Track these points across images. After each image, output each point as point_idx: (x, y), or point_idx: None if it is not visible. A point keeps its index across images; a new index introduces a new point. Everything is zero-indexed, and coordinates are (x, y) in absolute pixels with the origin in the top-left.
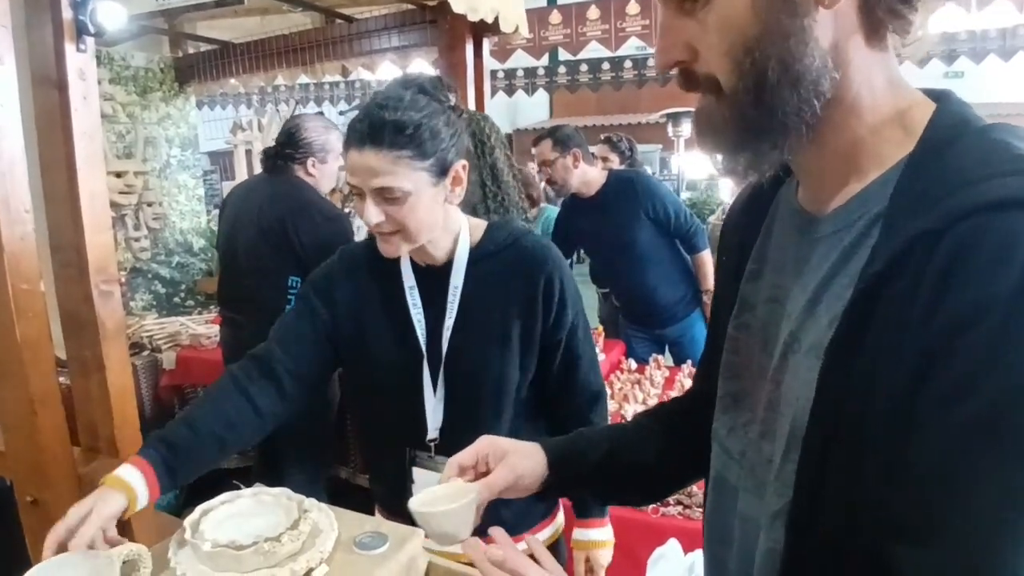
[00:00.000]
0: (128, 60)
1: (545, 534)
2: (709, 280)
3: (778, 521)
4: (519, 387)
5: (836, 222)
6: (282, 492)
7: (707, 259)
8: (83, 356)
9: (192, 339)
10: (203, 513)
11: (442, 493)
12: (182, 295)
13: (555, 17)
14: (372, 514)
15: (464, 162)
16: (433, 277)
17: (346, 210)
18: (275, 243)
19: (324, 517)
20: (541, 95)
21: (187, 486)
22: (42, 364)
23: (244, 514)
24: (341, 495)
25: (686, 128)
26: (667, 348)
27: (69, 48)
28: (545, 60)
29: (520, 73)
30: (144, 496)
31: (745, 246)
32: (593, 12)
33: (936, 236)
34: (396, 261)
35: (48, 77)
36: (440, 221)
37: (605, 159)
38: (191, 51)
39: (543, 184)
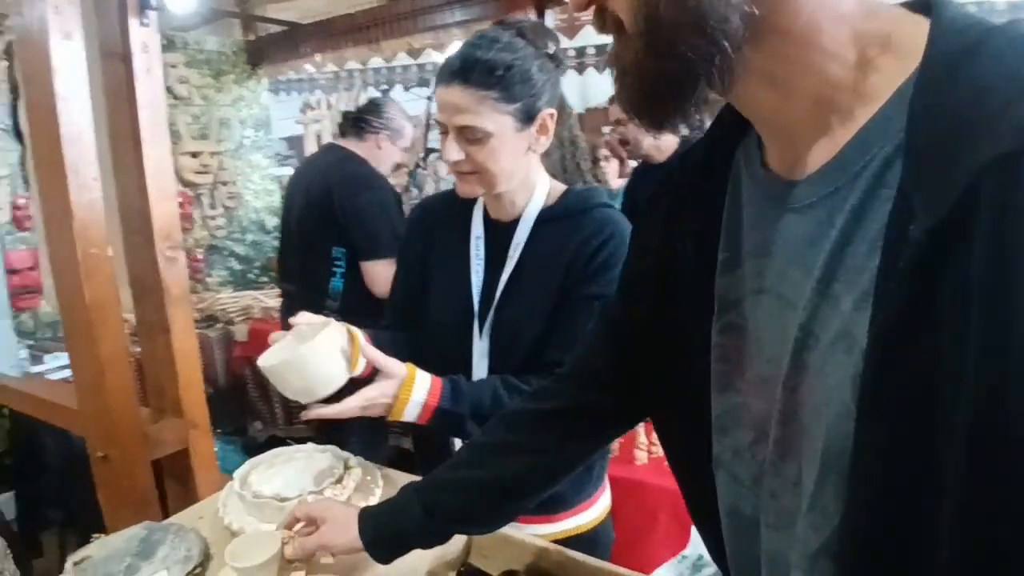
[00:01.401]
0: (202, 44)
1: (597, 510)
2: None
3: (823, 560)
4: None
5: (828, 181)
6: (331, 448)
7: None
8: (150, 320)
9: (264, 312)
10: (253, 467)
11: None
12: (256, 271)
13: None
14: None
15: (553, 111)
16: (500, 231)
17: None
18: (320, 214)
19: (369, 475)
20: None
21: (256, 450)
22: (110, 327)
23: (292, 469)
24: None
25: None
26: None
27: (133, 23)
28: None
29: (591, 51)
30: (425, 382)
31: (705, 231)
32: None
33: (1013, 159)
34: (469, 212)
35: (114, 51)
36: (521, 170)
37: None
38: (262, 34)
39: (604, 157)
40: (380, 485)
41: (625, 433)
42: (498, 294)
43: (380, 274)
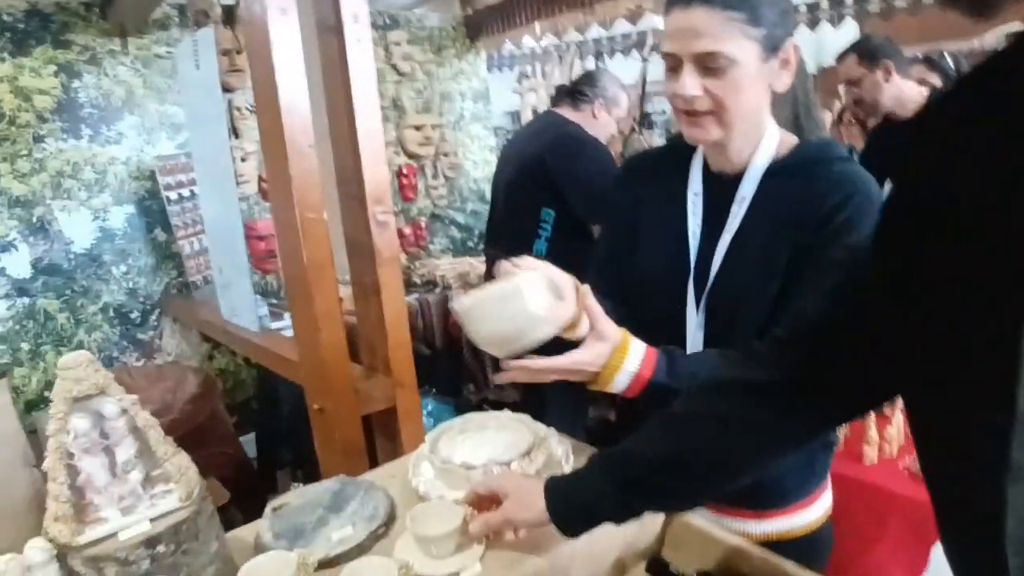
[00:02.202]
0: (423, 21)
1: (815, 512)
2: None
3: None
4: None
5: None
6: (525, 419)
7: None
8: (363, 281)
9: (479, 279)
10: (443, 431)
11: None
12: (475, 240)
13: None
14: None
15: (796, 42)
16: (721, 185)
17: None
18: (532, 175)
19: (561, 449)
20: (849, 26)
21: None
22: (325, 285)
23: (482, 436)
24: (598, 435)
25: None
26: None
27: None
28: None
29: (824, 4)
30: (639, 351)
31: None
32: None
33: None
34: (685, 166)
35: (328, 24)
36: (760, 110)
37: (922, 82)
38: (479, 7)
39: (848, 121)
40: (571, 461)
41: (853, 420)
42: (719, 256)
43: None
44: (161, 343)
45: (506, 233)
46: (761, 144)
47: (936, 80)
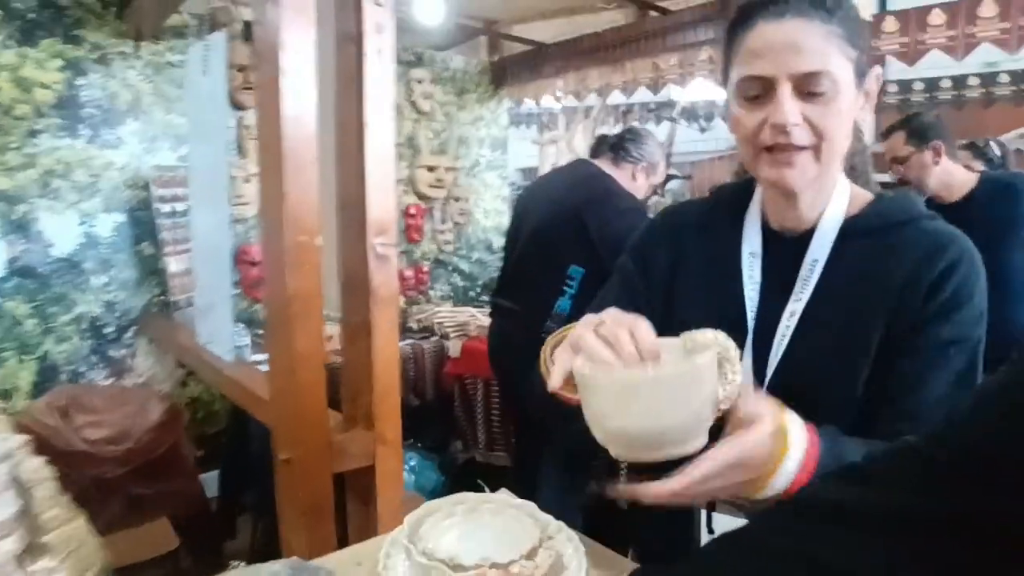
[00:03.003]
0: (447, 62)
1: None
2: None
3: None
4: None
5: None
6: (528, 507)
7: None
8: (354, 320)
9: (479, 330)
10: (428, 512)
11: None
12: (478, 290)
13: (890, 24)
14: (626, 554)
15: (880, 71)
16: (784, 246)
17: None
18: (565, 230)
19: (572, 550)
20: (867, 118)
21: (451, 473)
22: (310, 321)
23: (476, 524)
24: (598, 516)
25: None
26: None
27: (367, 2)
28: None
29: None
30: (800, 435)
31: None
32: (936, 17)
33: None
34: (738, 221)
35: (348, 33)
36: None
37: (967, 168)
38: (506, 54)
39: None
40: (584, 568)
41: None
42: (787, 329)
43: None
44: (134, 363)
45: (525, 286)
46: (833, 197)
47: (980, 167)
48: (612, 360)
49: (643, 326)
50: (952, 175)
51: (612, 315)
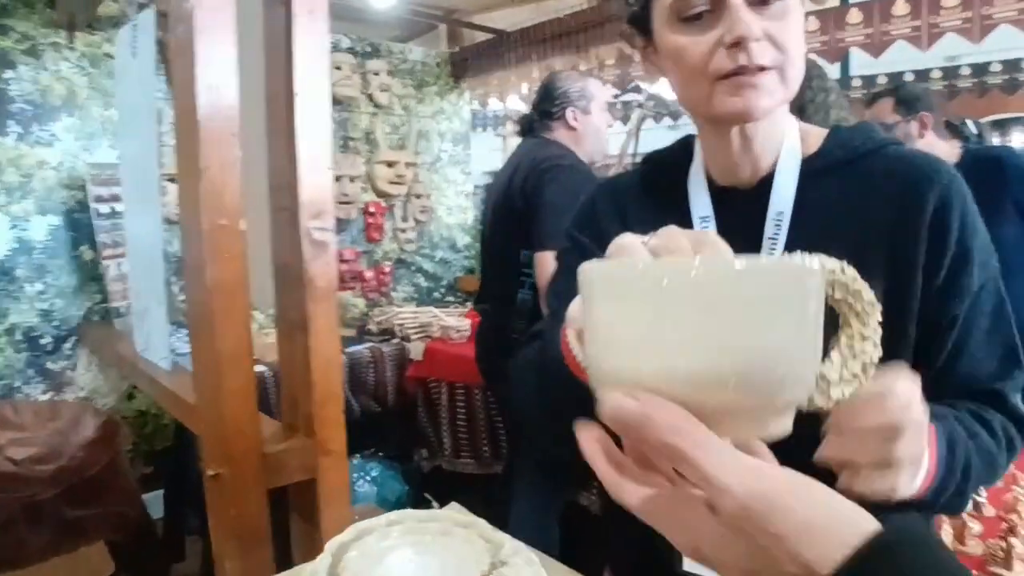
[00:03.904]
0: (406, 54)
1: None
2: None
3: None
4: None
5: None
6: (479, 525)
7: None
8: (289, 316)
9: (442, 331)
10: (358, 535)
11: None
12: (442, 290)
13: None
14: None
15: None
16: (739, 202)
17: None
18: (506, 213)
19: (531, 573)
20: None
21: (419, 480)
22: (235, 316)
23: (417, 547)
24: (578, 527)
25: (1017, 138)
26: None
27: None
28: (836, 72)
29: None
30: None
31: None
32: (900, 7)
33: None
34: (680, 185)
35: None
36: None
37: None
38: (467, 44)
39: None
40: None
41: None
42: None
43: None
44: (74, 376)
45: (493, 284)
46: (786, 137)
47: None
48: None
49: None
50: (936, 149)
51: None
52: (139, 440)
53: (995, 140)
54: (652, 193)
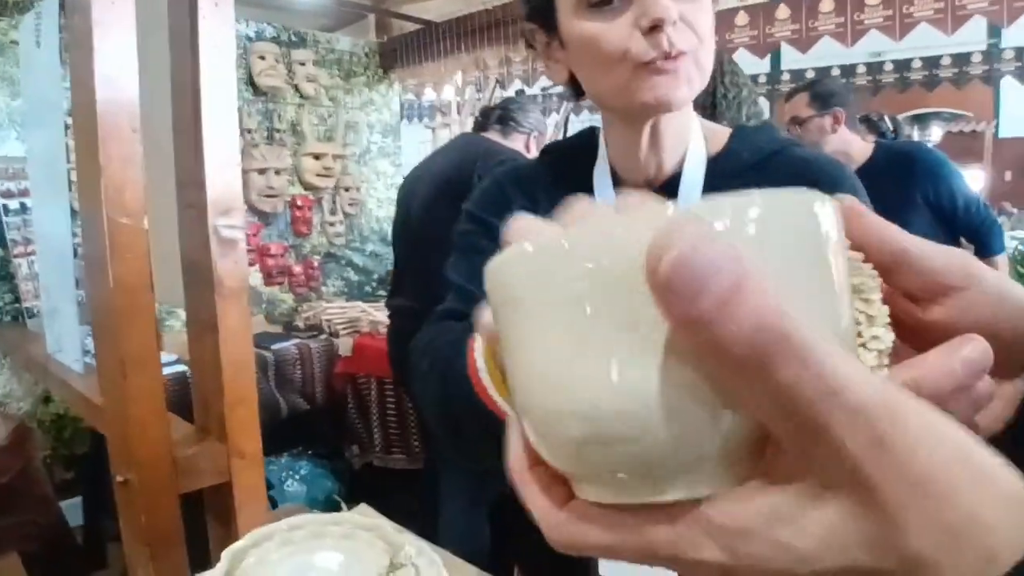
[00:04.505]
0: (333, 44)
1: None
2: None
3: None
4: None
5: None
6: (383, 527)
7: (1003, 267)
8: (199, 316)
9: (371, 326)
10: (255, 543)
11: None
12: (373, 284)
13: (782, 12)
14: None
15: None
16: None
17: None
18: (452, 195)
19: (432, 573)
20: (762, 104)
21: (350, 478)
22: (140, 316)
23: (317, 553)
24: (514, 525)
25: (935, 132)
26: None
27: None
28: (767, 67)
29: (763, 79)
30: None
31: None
32: (826, 4)
33: None
34: (586, 180)
35: None
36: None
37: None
38: (395, 33)
39: None
40: None
41: None
42: None
43: None
44: None
45: (421, 279)
46: (692, 135)
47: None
48: None
49: None
50: (850, 144)
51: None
52: (58, 445)
53: (915, 134)
54: (560, 185)
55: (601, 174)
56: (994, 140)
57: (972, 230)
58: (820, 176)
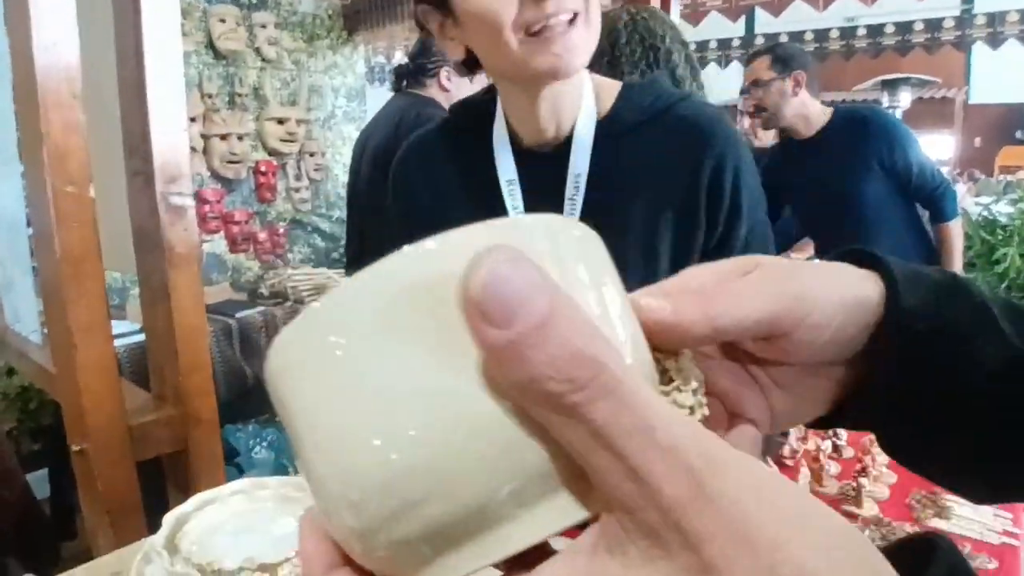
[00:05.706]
0: (295, 6)
1: None
2: (956, 260)
3: None
4: None
5: None
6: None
7: (956, 232)
8: (151, 284)
9: None
10: (199, 506)
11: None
12: (341, 251)
13: None
14: None
15: None
16: (542, 164)
17: None
18: (384, 168)
19: None
20: (735, 68)
21: None
22: (88, 285)
23: (255, 515)
24: None
25: (904, 98)
26: None
27: None
28: (741, 30)
29: (713, 44)
30: None
31: None
32: None
33: None
34: (487, 144)
35: None
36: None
37: None
38: None
39: (745, 119)
40: None
41: None
42: None
43: None
44: None
45: (369, 247)
46: (584, 97)
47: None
48: None
49: None
50: (808, 108)
51: None
52: (24, 417)
53: (884, 100)
54: (458, 156)
55: (501, 142)
56: (965, 106)
57: (925, 196)
58: (695, 136)
